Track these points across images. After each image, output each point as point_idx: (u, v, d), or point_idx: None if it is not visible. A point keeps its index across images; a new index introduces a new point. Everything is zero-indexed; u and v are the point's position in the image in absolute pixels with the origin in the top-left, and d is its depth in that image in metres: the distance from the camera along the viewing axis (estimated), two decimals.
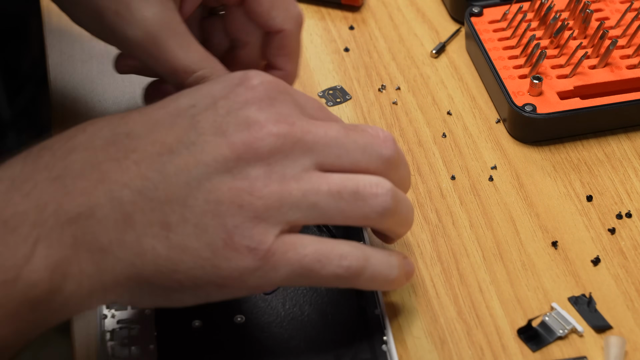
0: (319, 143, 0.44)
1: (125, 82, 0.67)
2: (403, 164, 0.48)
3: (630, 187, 0.58)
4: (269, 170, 0.43)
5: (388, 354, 0.48)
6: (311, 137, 0.44)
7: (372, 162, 0.46)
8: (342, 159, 0.45)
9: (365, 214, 0.45)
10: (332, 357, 0.48)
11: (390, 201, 0.45)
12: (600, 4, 0.68)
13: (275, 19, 0.55)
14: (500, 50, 0.65)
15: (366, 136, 0.46)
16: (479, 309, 0.52)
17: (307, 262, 0.44)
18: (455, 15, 0.72)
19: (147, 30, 0.52)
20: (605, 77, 0.62)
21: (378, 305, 0.50)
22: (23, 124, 1.52)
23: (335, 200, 0.44)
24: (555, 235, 0.55)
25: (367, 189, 0.45)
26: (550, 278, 0.53)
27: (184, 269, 0.43)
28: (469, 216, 0.57)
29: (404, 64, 0.68)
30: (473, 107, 0.65)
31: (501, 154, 0.61)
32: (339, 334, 0.49)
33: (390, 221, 0.46)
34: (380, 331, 0.49)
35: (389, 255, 0.47)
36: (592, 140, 0.62)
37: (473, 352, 0.50)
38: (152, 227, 0.42)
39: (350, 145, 0.45)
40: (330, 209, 0.44)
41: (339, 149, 0.45)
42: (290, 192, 0.43)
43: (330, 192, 0.44)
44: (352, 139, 0.45)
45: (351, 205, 0.44)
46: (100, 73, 0.68)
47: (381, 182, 0.45)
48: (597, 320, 0.51)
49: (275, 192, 0.43)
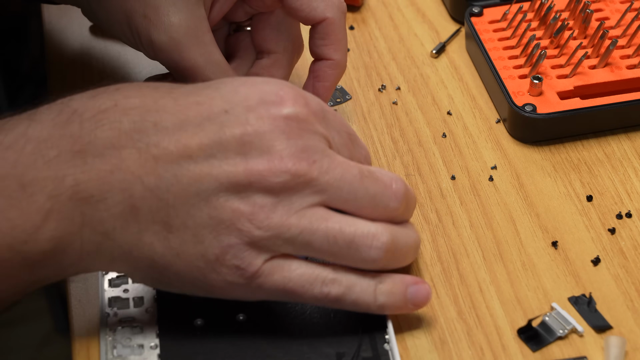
0: (332, 185, 0.46)
1: (125, 82, 0.67)
2: (410, 206, 0.49)
3: (630, 187, 0.58)
4: (276, 202, 0.45)
5: (390, 352, 0.48)
6: (326, 179, 0.45)
7: (378, 212, 0.47)
8: (349, 203, 0.46)
9: (355, 261, 0.47)
10: (334, 355, 0.48)
11: (382, 254, 0.47)
12: (600, 4, 0.68)
13: (317, 8, 0.56)
14: (500, 50, 0.65)
15: (379, 185, 0.47)
16: (479, 309, 0.52)
17: (290, 286, 0.46)
18: (455, 15, 0.72)
19: (171, 36, 0.53)
20: (605, 77, 0.62)
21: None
22: None
23: (329, 244, 0.46)
24: (555, 235, 0.55)
25: (363, 240, 0.46)
26: (550, 278, 0.53)
27: (174, 270, 0.45)
28: (469, 216, 0.57)
29: (404, 64, 0.68)
30: (473, 107, 0.65)
31: (501, 154, 0.61)
32: (340, 333, 0.49)
33: (382, 265, 0.47)
34: (382, 329, 0.49)
35: (379, 283, 0.48)
36: (592, 140, 0.62)
37: (473, 352, 0.50)
38: (155, 225, 0.44)
39: (360, 192, 0.46)
40: (323, 250, 0.46)
41: (349, 194, 0.46)
42: (289, 227, 0.45)
43: (326, 236, 0.45)
44: (365, 186, 0.46)
45: (343, 251, 0.46)
46: (100, 73, 0.68)
47: (378, 234, 0.46)
48: (597, 320, 0.51)
49: (274, 226, 0.45)
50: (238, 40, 0.60)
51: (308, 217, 0.45)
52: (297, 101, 0.46)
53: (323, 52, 0.57)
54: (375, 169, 0.48)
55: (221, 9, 0.56)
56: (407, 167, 0.60)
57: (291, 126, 0.45)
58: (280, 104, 0.46)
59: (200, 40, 0.54)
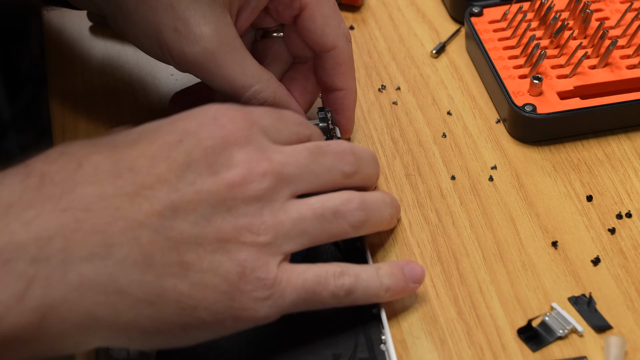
0: (294, 174, 0.47)
1: (125, 82, 0.67)
2: (365, 164, 0.51)
3: (630, 187, 0.58)
4: (260, 206, 0.46)
5: (387, 353, 0.48)
6: (288, 170, 0.47)
7: (337, 180, 0.49)
8: (312, 183, 0.48)
9: (344, 230, 0.49)
10: (331, 356, 0.48)
11: (363, 214, 0.49)
12: (600, 4, 0.68)
13: (329, 35, 0.57)
14: (500, 50, 0.65)
15: (330, 157, 0.49)
16: (479, 309, 0.52)
17: (309, 285, 0.47)
18: (455, 15, 0.72)
19: (205, 47, 0.53)
20: (605, 77, 0.62)
21: (376, 305, 0.50)
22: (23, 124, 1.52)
23: (320, 223, 0.47)
24: (555, 235, 0.55)
25: (344, 206, 0.48)
26: (550, 278, 0.53)
27: (205, 304, 0.44)
28: (469, 216, 0.57)
29: (404, 64, 0.68)
30: (473, 107, 0.65)
31: (501, 154, 0.61)
32: (337, 334, 0.49)
33: (368, 227, 0.50)
34: (378, 330, 0.49)
35: (378, 269, 0.49)
36: (592, 140, 0.62)
37: (473, 352, 0.50)
38: (172, 267, 0.43)
39: (318, 170, 0.48)
40: (317, 232, 0.47)
41: (309, 175, 0.48)
42: (282, 223, 0.46)
43: (315, 217, 0.47)
44: (320, 163, 0.49)
45: (333, 224, 0.48)
46: (100, 73, 0.68)
47: (352, 197, 0.49)
48: (597, 320, 0.51)
49: (270, 227, 0.46)
50: (266, 47, 0.60)
51: (291, 209, 0.47)
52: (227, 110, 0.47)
53: (335, 83, 0.58)
54: (322, 144, 0.50)
55: (248, 17, 0.57)
56: (407, 167, 0.60)
57: (236, 136, 0.46)
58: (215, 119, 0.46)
59: (233, 48, 0.54)
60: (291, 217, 0.47)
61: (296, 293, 0.46)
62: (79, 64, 0.69)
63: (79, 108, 0.66)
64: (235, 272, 0.44)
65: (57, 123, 0.65)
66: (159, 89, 0.67)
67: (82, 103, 0.66)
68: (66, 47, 0.71)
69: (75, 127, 0.64)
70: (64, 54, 0.70)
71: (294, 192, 0.48)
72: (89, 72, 0.68)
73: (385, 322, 0.50)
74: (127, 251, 0.42)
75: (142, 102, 0.66)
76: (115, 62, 0.69)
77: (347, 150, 0.50)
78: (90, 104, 0.66)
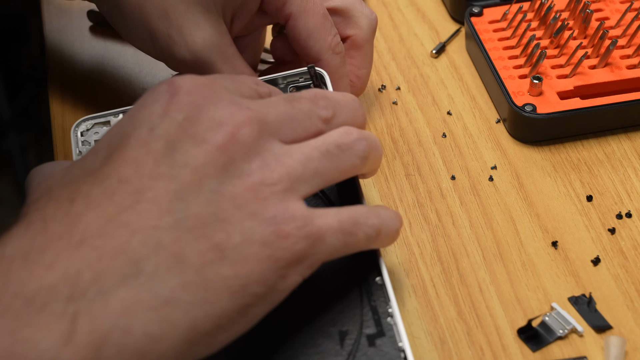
0: (276, 121, 0.45)
1: (125, 82, 0.67)
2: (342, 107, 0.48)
3: (630, 187, 0.58)
4: (261, 158, 0.43)
5: (394, 326, 0.46)
6: (270, 117, 0.45)
7: (318, 125, 0.47)
8: (297, 130, 0.46)
9: (353, 163, 0.46)
10: (337, 334, 0.46)
11: (364, 142, 0.46)
12: (600, 4, 0.68)
13: (312, 48, 0.57)
14: (500, 50, 0.65)
15: (305, 103, 0.47)
16: (479, 309, 0.52)
17: (346, 226, 0.44)
18: (455, 15, 0.72)
19: (197, 54, 0.54)
20: (605, 77, 0.62)
21: (380, 273, 0.48)
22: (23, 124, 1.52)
23: (329, 160, 0.45)
24: (555, 235, 0.55)
25: (345, 139, 0.46)
26: (550, 278, 0.53)
27: (254, 278, 0.42)
28: (469, 216, 0.57)
29: (404, 64, 0.68)
30: (473, 107, 0.65)
31: (501, 154, 0.61)
32: (342, 309, 0.47)
33: (371, 160, 0.47)
34: (384, 303, 0.47)
35: (386, 208, 0.48)
36: (592, 140, 0.62)
37: (473, 352, 0.50)
38: (206, 255, 0.41)
39: (298, 115, 0.46)
40: (328, 169, 0.45)
41: (291, 122, 0.46)
42: (293, 167, 0.44)
43: (321, 154, 0.45)
44: (297, 109, 0.46)
45: (341, 158, 0.45)
46: (100, 73, 0.68)
47: (348, 129, 0.46)
48: (597, 320, 0.51)
49: (283, 174, 0.43)
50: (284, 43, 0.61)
51: (294, 152, 0.44)
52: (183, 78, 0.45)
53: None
54: (294, 93, 0.48)
55: (241, 22, 0.57)
56: (407, 167, 0.60)
57: (205, 96, 0.44)
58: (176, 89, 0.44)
59: (225, 56, 0.54)
60: (299, 159, 0.44)
61: (335, 236, 0.44)
62: (79, 64, 0.69)
63: (79, 108, 0.66)
64: (270, 231, 0.42)
65: (57, 123, 0.65)
66: None
67: (82, 103, 0.66)
68: (66, 47, 0.71)
69: None
70: (64, 54, 0.70)
71: (282, 141, 0.45)
72: (89, 72, 0.68)
73: (390, 292, 0.47)
74: (155, 260, 0.40)
75: None
76: (115, 62, 0.69)
77: (319, 95, 0.48)
78: (90, 104, 0.66)
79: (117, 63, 0.69)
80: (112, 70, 0.69)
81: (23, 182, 1.49)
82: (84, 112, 0.65)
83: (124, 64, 0.69)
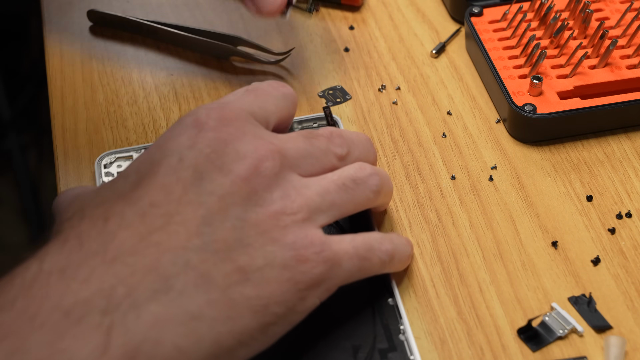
0: (295, 157, 0.48)
1: (125, 82, 0.67)
2: (355, 146, 0.51)
3: (630, 187, 0.58)
4: (282, 189, 0.46)
5: (406, 343, 0.49)
6: (290, 152, 0.48)
7: (334, 162, 0.50)
8: (315, 166, 0.49)
9: (367, 196, 0.49)
10: (350, 348, 0.49)
11: (377, 177, 0.50)
12: (600, 4, 0.68)
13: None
14: (500, 50, 0.65)
15: (322, 140, 0.50)
16: (479, 309, 0.52)
17: (361, 252, 0.47)
18: (455, 15, 0.72)
19: None
20: (605, 77, 0.62)
21: (393, 295, 0.51)
22: (23, 124, 1.52)
23: (345, 192, 0.48)
24: (555, 235, 0.55)
25: (359, 174, 0.49)
26: (550, 278, 0.53)
27: (275, 299, 0.44)
28: (469, 216, 0.57)
29: (404, 64, 0.68)
30: (473, 107, 0.65)
31: (501, 154, 0.61)
32: (355, 326, 0.50)
33: (384, 193, 0.51)
34: (396, 321, 0.50)
35: (398, 235, 0.52)
36: (592, 140, 0.62)
37: (473, 352, 0.50)
38: (231, 277, 0.43)
39: (315, 152, 0.49)
40: (344, 201, 0.48)
41: (309, 158, 0.49)
42: (311, 199, 0.47)
43: (338, 187, 0.48)
44: (315, 146, 0.49)
45: (356, 192, 0.49)
46: (100, 73, 0.68)
47: (362, 165, 0.50)
48: (597, 320, 0.51)
49: (303, 204, 0.46)
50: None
51: (312, 184, 0.47)
52: (209, 111, 0.47)
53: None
54: (311, 130, 0.51)
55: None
56: (407, 167, 0.60)
57: (229, 132, 0.46)
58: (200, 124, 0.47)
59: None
60: (317, 191, 0.47)
61: (351, 261, 0.47)
62: (79, 64, 0.69)
63: (79, 108, 0.66)
64: (290, 256, 0.45)
65: (57, 123, 0.65)
66: (159, 88, 0.67)
67: (82, 103, 0.66)
68: (66, 47, 0.71)
69: (75, 127, 0.64)
70: (64, 54, 0.70)
71: (301, 174, 0.48)
72: (89, 72, 0.68)
73: (403, 312, 0.50)
74: (184, 279, 0.42)
75: (142, 103, 0.66)
76: (115, 62, 0.69)
77: (335, 133, 0.51)
78: (90, 104, 0.66)
79: (117, 63, 0.69)
80: (112, 70, 0.69)
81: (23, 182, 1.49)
82: (84, 112, 0.65)
83: (124, 64, 0.69)
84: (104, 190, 0.47)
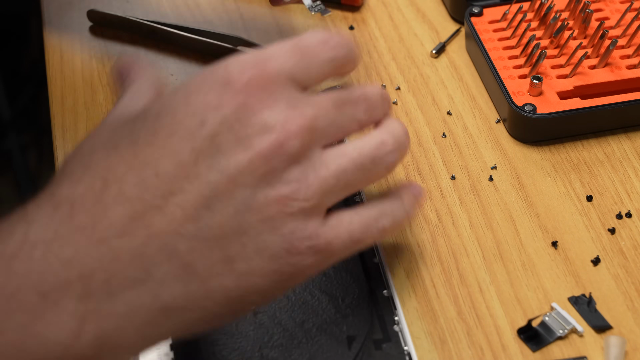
0: (324, 127, 0.44)
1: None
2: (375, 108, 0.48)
3: (630, 187, 0.58)
4: (301, 168, 0.43)
5: (400, 333, 0.49)
6: (320, 123, 0.44)
7: (355, 128, 0.46)
8: (337, 135, 0.45)
9: (380, 174, 0.46)
10: (345, 339, 0.49)
11: (396, 154, 0.47)
12: (600, 4, 0.68)
13: None
14: (500, 50, 0.65)
15: (350, 108, 0.46)
16: (479, 309, 0.52)
17: (356, 236, 0.45)
18: (455, 15, 0.72)
19: None
20: (605, 77, 0.62)
21: (387, 286, 0.51)
22: (23, 124, 1.52)
23: (362, 173, 0.45)
24: (555, 235, 0.55)
25: (379, 152, 0.46)
26: (550, 278, 0.53)
27: (255, 289, 0.43)
28: (469, 216, 0.57)
29: (404, 64, 0.68)
30: (473, 107, 0.65)
31: (501, 154, 0.61)
32: (350, 316, 0.50)
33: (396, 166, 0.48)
34: (390, 312, 0.50)
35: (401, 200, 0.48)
36: (592, 140, 0.62)
37: (473, 352, 0.50)
38: (215, 267, 0.42)
39: (343, 122, 0.46)
40: (358, 181, 0.45)
41: (335, 127, 0.45)
42: (326, 180, 0.44)
43: (356, 167, 0.45)
44: (343, 113, 0.46)
45: (372, 171, 0.46)
46: (100, 73, 0.68)
47: (384, 138, 0.46)
48: (597, 320, 0.51)
49: (318, 189, 0.43)
50: None
51: (331, 163, 0.44)
52: (242, 67, 0.44)
53: None
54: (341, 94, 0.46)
55: None
56: (407, 167, 0.60)
57: (260, 97, 0.43)
58: (231, 82, 0.43)
59: None
60: (334, 172, 0.44)
61: (344, 249, 0.45)
62: (79, 64, 0.69)
63: (79, 108, 0.66)
64: (282, 248, 0.42)
65: (57, 123, 0.65)
66: None
67: (82, 103, 0.66)
68: (66, 47, 0.71)
69: (75, 127, 0.64)
70: (64, 54, 0.70)
71: (323, 145, 0.45)
72: (89, 72, 0.68)
73: (397, 303, 0.50)
74: (166, 268, 0.41)
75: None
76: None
77: (361, 98, 0.47)
78: (90, 104, 0.66)
79: None
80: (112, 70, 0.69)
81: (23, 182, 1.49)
82: (84, 112, 0.65)
83: None
84: (121, 130, 0.44)
